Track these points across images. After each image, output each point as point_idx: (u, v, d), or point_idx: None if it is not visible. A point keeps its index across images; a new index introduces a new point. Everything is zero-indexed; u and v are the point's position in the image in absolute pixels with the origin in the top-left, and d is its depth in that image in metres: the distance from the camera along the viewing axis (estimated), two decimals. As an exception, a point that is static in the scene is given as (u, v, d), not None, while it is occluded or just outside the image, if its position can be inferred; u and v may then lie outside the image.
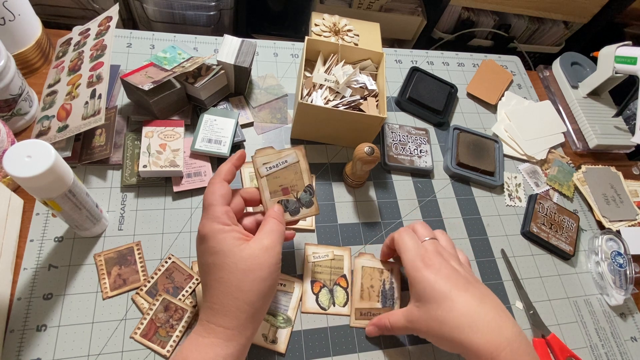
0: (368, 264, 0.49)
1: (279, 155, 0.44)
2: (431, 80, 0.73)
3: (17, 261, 0.46)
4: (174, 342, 0.44)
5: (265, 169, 0.43)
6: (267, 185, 0.43)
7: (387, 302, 0.48)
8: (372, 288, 0.48)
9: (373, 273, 0.48)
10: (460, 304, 0.39)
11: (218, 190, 0.39)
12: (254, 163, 0.43)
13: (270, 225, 0.39)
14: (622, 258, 0.60)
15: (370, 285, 0.48)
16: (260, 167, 0.43)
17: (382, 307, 0.47)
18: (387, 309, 0.47)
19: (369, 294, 0.48)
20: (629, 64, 0.69)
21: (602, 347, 0.55)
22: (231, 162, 0.42)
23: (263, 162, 0.43)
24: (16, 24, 0.56)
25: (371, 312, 0.47)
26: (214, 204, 0.38)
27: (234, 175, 0.42)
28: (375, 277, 0.48)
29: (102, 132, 0.55)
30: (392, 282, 0.48)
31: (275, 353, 0.46)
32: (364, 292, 0.48)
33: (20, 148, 0.35)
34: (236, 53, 0.59)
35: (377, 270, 0.48)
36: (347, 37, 0.66)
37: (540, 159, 0.70)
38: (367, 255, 0.49)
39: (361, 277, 0.48)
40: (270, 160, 0.43)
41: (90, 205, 0.44)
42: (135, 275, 0.47)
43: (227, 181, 0.40)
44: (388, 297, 0.48)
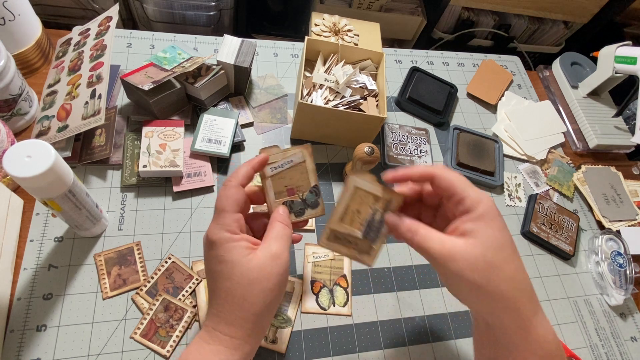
0: (364, 186, 0.39)
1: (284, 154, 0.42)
2: (431, 80, 0.73)
3: (17, 261, 0.46)
4: (174, 342, 0.44)
5: (271, 169, 0.41)
6: (272, 186, 0.42)
7: (371, 234, 0.39)
8: (358, 213, 0.39)
9: (366, 197, 0.39)
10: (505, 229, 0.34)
11: (233, 196, 0.37)
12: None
13: (276, 230, 0.38)
14: (622, 258, 0.60)
15: (356, 210, 0.39)
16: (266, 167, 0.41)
17: (363, 237, 0.39)
18: (366, 241, 0.39)
19: (352, 218, 0.39)
20: (629, 64, 0.69)
21: (602, 347, 0.55)
22: (251, 165, 0.39)
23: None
24: (16, 24, 0.56)
25: (347, 237, 0.39)
26: (227, 210, 0.36)
27: (251, 179, 0.39)
28: (366, 202, 0.39)
29: (102, 132, 0.55)
30: (384, 215, 0.39)
31: (275, 353, 0.46)
32: (347, 215, 0.39)
33: (20, 148, 0.35)
34: (236, 53, 0.59)
35: (371, 195, 0.39)
36: (347, 37, 0.66)
37: (540, 159, 0.70)
38: (367, 175, 0.39)
39: (349, 198, 0.39)
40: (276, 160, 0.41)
41: (90, 205, 0.44)
42: (135, 275, 0.47)
43: (243, 186, 0.38)
44: (373, 230, 0.39)
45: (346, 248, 0.40)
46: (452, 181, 0.35)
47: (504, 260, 0.33)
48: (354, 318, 0.50)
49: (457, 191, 0.35)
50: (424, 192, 0.40)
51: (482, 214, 0.33)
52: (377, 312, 0.51)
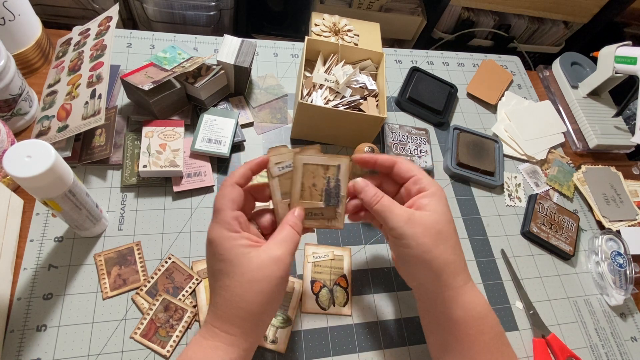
0: (311, 160, 0.41)
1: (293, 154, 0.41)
2: (431, 80, 0.73)
3: (17, 261, 0.46)
4: (174, 342, 0.44)
5: (278, 169, 0.41)
6: (278, 186, 0.41)
7: (332, 200, 0.42)
8: (314, 187, 0.42)
9: (316, 170, 0.41)
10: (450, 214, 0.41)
11: (229, 194, 0.37)
12: (295, 160, 0.40)
13: (284, 234, 0.38)
14: (622, 258, 0.60)
15: (312, 184, 0.42)
16: (273, 167, 0.41)
17: (325, 206, 0.42)
18: (330, 208, 0.42)
19: (311, 193, 0.42)
20: (629, 64, 0.69)
21: (602, 347, 0.55)
22: (249, 166, 0.39)
23: (275, 161, 0.41)
24: (16, 24, 0.56)
25: (312, 211, 0.42)
26: (223, 208, 0.37)
27: (248, 180, 0.40)
28: (318, 174, 0.42)
29: (102, 132, 0.55)
30: (338, 179, 0.42)
31: (275, 353, 0.46)
32: (305, 192, 0.42)
33: (20, 148, 0.35)
34: (236, 53, 0.59)
35: (321, 167, 0.41)
36: (347, 37, 0.66)
37: (540, 159, 0.70)
38: (311, 149, 0.42)
39: (302, 176, 0.41)
40: (284, 160, 0.41)
41: (90, 205, 0.44)
42: (135, 275, 0.47)
43: (239, 185, 0.39)
44: (332, 196, 0.42)
45: (315, 221, 0.42)
46: (411, 166, 0.42)
47: (450, 231, 0.39)
48: (354, 318, 0.50)
49: (415, 173, 0.41)
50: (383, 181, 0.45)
51: (434, 192, 0.40)
52: (377, 312, 0.51)
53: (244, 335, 0.35)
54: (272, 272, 0.35)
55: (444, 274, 0.38)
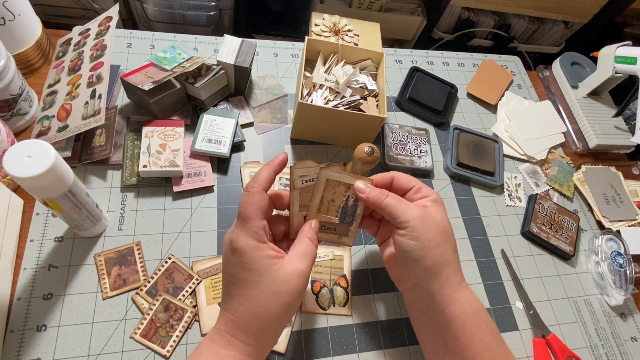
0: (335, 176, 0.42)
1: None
2: (431, 80, 0.73)
3: (17, 261, 0.46)
4: (174, 342, 0.44)
5: (301, 182, 0.41)
6: (298, 198, 0.42)
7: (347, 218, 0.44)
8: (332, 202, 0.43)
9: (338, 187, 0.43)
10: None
11: (258, 202, 0.36)
12: (292, 174, 0.41)
13: (305, 247, 0.38)
14: (622, 258, 0.60)
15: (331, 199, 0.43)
16: (297, 179, 0.41)
17: (340, 222, 0.43)
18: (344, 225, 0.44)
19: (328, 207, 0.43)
20: (629, 64, 0.69)
21: (602, 347, 0.55)
22: (272, 168, 0.39)
23: (300, 174, 0.41)
24: (16, 24, 0.56)
25: (326, 225, 0.43)
26: (253, 217, 0.36)
27: (272, 182, 0.39)
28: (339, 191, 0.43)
29: (102, 132, 0.55)
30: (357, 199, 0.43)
31: (275, 353, 0.46)
32: (323, 205, 0.43)
33: (20, 148, 0.35)
34: (236, 53, 0.59)
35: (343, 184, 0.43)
36: (347, 37, 0.66)
37: (540, 159, 0.70)
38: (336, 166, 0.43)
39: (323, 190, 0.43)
40: (308, 174, 0.41)
41: (90, 205, 0.44)
42: (135, 275, 0.47)
43: (266, 190, 0.38)
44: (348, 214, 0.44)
45: (326, 234, 0.44)
46: (409, 177, 0.44)
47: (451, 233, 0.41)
48: (354, 318, 0.50)
49: (415, 184, 0.43)
50: None
51: (436, 199, 0.42)
52: (377, 312, 0.51)
53: (260, 345, 0.35)
54: (297, 286, 0.36)
55: (445, 272, 0.39)
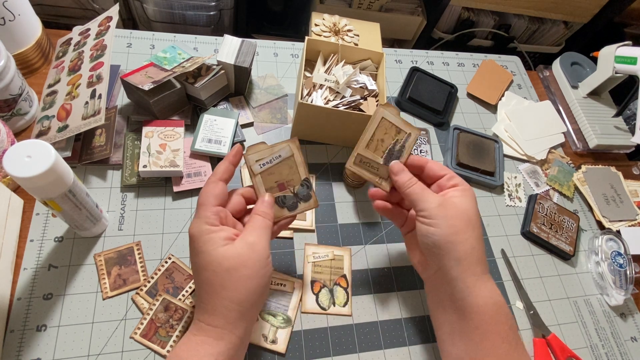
0: (390, 117, 0.45)
1: (271, 150, 0.42)
2: (431, 80, 0.73)
3: (17, 261, 0.46)
4: (174, 342, 0.44)
5: (259, 166, 0.42)
6: (262, 182, 0.42)
7: (390, 160, 0.45)
8: (381, 142, 0.45)
9: (390, 129, 0.45)
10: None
11: (211, 190, 0.39)
12: (247, 160, 0.42)
13: (254, 222, 0.39)
14: (622, 258, 0.60)
15: (381, 139, 0.45)
16: (254, 164, 0.42)
17: (384, 163, 0.45)
18: (386, 167, 0.45)
19: (377, 146, 0.45)
20: (629, 64, 0.69)
21: (602, 347, 0.55)
22: (227, 160, 0.41)
23: (256, 159, 0.42)
24: (16, 24, 0.56)
25: (371, 163, 0.45)
26: (205, 204, 0.38)
27: (231, 174, 0.41)
28: (390, 133, 0.45)
29: (102, 132, 0.55)
30: (404, 145, 0.45)
31: (275, 353, 0.46)
32: (372, 143, 0.45)
33: (20, 148, 0.35)
34: (236, 53, 0.59)
35: (395, 128, 0.45)
36: (347, 37, 0.66)
37: (540, 159, 0.70)
38: (393, 109, 0.45)
39: (376, 127, 0.45)
40: (263, 157, 0.42)
41: (90, 205, 0.44)
42: (135, 275, 0.47)
43: (223, 180, 0.40)
44: (393, 157, 0.45)
45: (369, 172, 0.46)
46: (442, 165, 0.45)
47: (478, 222, 0.41)
48: (354, 318, 0.50)
49: (447, 172, 0.44)
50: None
51: (466, 189, 0.42)
52: (377, 312, 0.51)
53: (230, 326, 0.35)
54: (249, 257, 0.36)
55: (467, 260, 0.39)
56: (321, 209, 0.57)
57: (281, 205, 0.43)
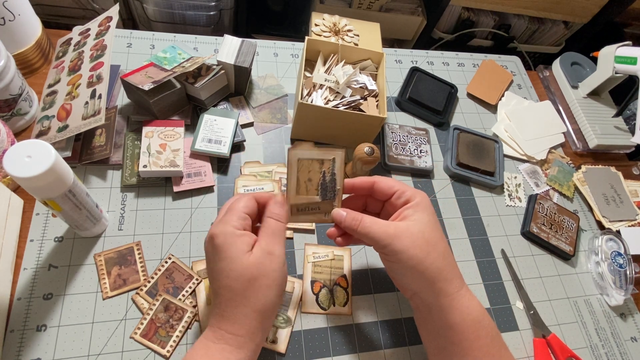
0: (305, 155, 0.41)
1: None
2: (431, 81, 0.73)
3: (17, 261, 0.46)
4: (174, 342, 0.44)
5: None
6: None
7: (328, 194, 0.43)
8: (309, 182, 0.42)
9: (311, 165, 0.42)
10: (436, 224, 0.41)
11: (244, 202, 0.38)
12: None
13: (268, 226, 0.38)
14: (622, 258, 0.60)
15: (307, 179, 0.42)
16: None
17: (322, 200, 0.42)
18: (327, 202, 0.42)
19: (307, 187, 0.42)
20: (629, 64, 0.69)
21: (602, 347, 0.55)
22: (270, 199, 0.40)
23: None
24: (16, 24, 0.56)
25: (309, 206, 0.42)
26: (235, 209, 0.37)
27: (254, 212, 0.40)
28: (314, 169, 0.42)
29: (102, 132, 0.55)
30: (334, 172, 0.42)
31: (275, 353, 0.46)
32: (301, 187, 0.42)
33: (20, 148, 0.35)
34: (236, 53, 0.59)
35: (316, 162, 0.42)
36: (347, 37, 0.66)
37: (540, 159, 0.70)
38: (305, 144, 0.42)
39: (297, 171, 0.41)
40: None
41: (90, 205, 0.44)
42: (135, 275, 0.47)
43: (257, 201, 0.40)
44: (329, 190, 0.43)
45: (312, 215, 0.43)
46: (391, 182, 0.43)
47: (438, 238, 0.39)
48: (354, 318, 0.50)
49: (396, 188, 0.42)
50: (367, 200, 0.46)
51: (418, 202, 0.41)
52: (377, 312, 0.51)
53: (250, 334, 0.35)
54: (268, 266, 0.36)
55: (438, 282, 0.39)
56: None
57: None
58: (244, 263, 0.35)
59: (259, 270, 0.35)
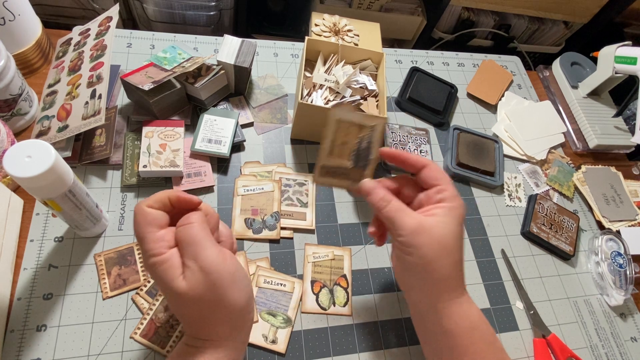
0: (346, 117, 0.40)
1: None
2: (431, 81, 0.73)
3: (17, 261, 0.46)
4: (174, 342, 0.44)
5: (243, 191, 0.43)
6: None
7: (360, 162, 0.41)
8: (344, 145, 0.41)
9: (349, 129, 0.40)
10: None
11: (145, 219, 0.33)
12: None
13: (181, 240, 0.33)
14: (622, 258, 0.60)
15: (343, 142, 0.41)
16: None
17: (354, 166, 0.41)
18: (358, 170, 0.41)
19: (340, 150, 0.41)
20: (629, 64, 0.69)
21: (602, 347, 0.55)
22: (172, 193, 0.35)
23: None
24: (16, 24, 0.56)
25: (339, 170, 0.41)
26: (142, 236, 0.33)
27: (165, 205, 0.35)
28: (351, 133, 0.40)
29: (102, 132, 0.55)
30: (370, 142, 0.41)
31: (275, 353, 0.46)
32: (335, 149, 0.41)
33: (20, 148, 0.35)
34: (236, 53, 0.59)
35: (355, 126, 0.40)
36: (347, 37, 0.66)
37: (540, 159, 0.70)
38: (347, 106, 0.42)
39: (334, 132, 0.40)
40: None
41: (90, 205, 0.44)
42: (135, 275, 0.47)
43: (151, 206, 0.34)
44: (362, 158, 0.41)
45: (339, 180, 0.41)
46: (439, 174, 0.40)
47: (456, 247, 0.38)
48: (354, 318, 0.50)
49: (441, 182, 0.40)
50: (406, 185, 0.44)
51: (453, 206, 0.39)
52: (377, 312, 0.51)
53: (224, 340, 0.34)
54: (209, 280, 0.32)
55: (440, 288, 0.38)
56: (321, 209, 0.57)
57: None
58: (182, 291, 0.32)
59: (201, 291, 0.32)
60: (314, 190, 0.58)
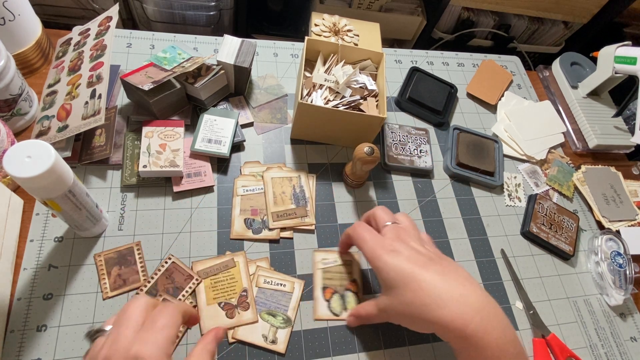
0: (277, 175, 0.56)
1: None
2: (431, 81, 0.73)
3: (17, 261, 0.46)
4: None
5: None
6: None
7: (300, 202, 0.55)
8: (284, 194, 0.54)
9: (282, 182, 0.55)
10: (424, 283, 0.38)
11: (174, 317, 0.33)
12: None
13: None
14: (621, 258, 0.60)
15: (282, 192, 0.54)
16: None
17: (296, 206, 0.54)
18: (301, 207, 0.54)
19: (282, 199, 0.54)
20: (629, 64, 0.69)
21: (602, 347, 0.55)
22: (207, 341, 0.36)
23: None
24: (16, 24, 0.56)
25: (286, 212, 0.53)
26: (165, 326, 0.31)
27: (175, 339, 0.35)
28: (285, 184, 0.55)
29: (102, 132, 0.55)
30: (302, 185, 0.55)
31: (275, 353, 0.46)
32: (277, 198, 0.54)
33: (20, 148, 0.35)
34: (236, 53, 0.59)
35: (285, 179, 0.56)
36: (347, 37, 0.66)
37: (540, 159, 0.70)
38: (275, 168, 0.56)
39: (272, 187, 0.54)
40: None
41: (90, 205, 0.44)
42: (135, 275, 0.47)
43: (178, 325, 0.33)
44: (300, 198, 0.55)
45: (291, 220, 0.54)
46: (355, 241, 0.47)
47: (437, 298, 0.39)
48: (354, 318, 0.50)
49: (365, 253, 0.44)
50: None
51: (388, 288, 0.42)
52: (377, 312, 0.51)
53: None
54: None
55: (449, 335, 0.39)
56: (321, 209, 0.57)
57: None
58: None
59: None
60: (314, 190, 0.58)
